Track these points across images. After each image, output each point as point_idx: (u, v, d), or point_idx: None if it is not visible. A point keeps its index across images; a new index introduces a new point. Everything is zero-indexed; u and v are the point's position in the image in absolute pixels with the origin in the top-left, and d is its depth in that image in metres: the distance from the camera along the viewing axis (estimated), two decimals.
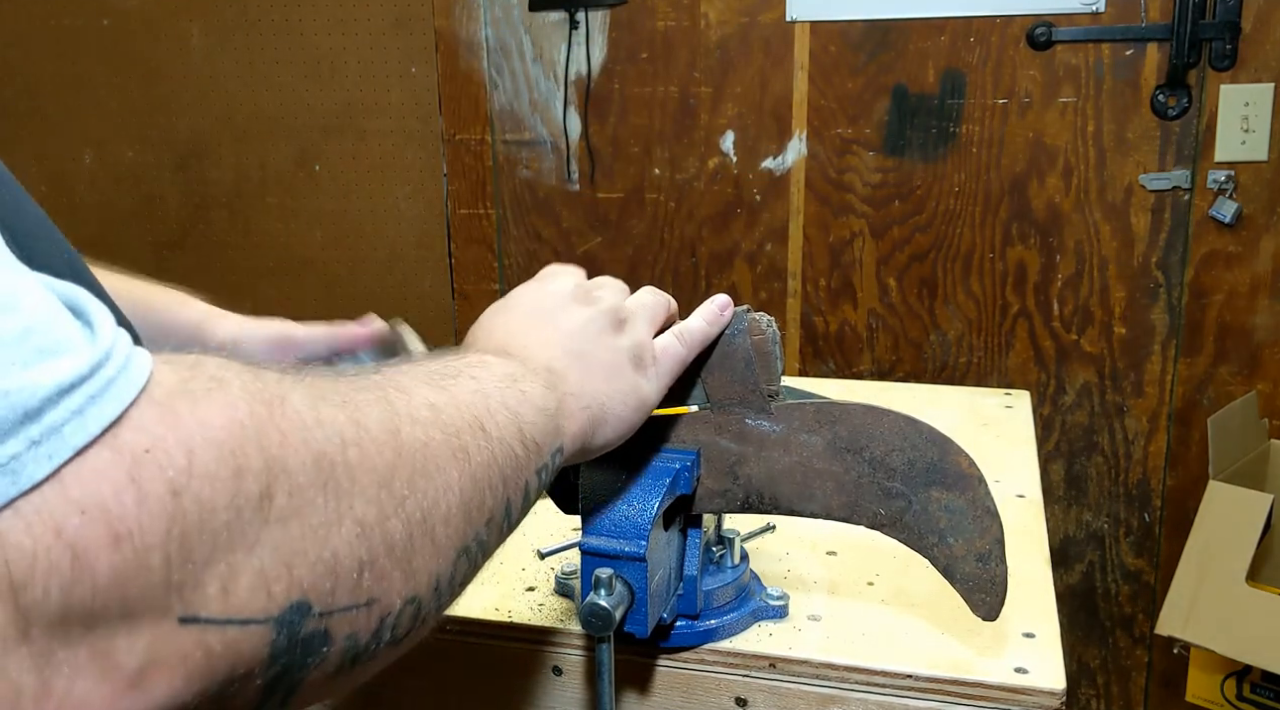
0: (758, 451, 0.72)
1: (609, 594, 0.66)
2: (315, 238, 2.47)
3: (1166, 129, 1.95)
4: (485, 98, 2.28)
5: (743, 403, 0.72)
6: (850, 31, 2.06)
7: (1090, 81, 1.96)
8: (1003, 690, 0.73)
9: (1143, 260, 2.01)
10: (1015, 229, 2.06)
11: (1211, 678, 1.77)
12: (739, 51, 2.12)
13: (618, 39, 2.17)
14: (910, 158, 2.08)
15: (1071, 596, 2.16)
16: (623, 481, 0.71)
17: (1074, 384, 2.08)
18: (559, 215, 2.29)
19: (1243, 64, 1.88)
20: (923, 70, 2.04)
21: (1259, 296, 1.96)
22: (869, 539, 0.72)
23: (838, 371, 2.20)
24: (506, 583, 0.89)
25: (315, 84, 2.39)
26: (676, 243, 2.24)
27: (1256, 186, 1.93)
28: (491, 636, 0.83)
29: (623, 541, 0.68)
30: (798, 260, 2.17)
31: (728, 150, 2.17)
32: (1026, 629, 0.79)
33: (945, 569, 0.70)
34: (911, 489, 0.69)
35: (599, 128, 2.22)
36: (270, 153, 2.45)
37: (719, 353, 0.72)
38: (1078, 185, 2.01)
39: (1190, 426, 2.03)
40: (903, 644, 0.78)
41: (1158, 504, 2.08)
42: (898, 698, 0.75)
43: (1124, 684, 2.17)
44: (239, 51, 2.41)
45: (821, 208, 2.14)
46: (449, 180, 2.34)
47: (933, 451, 0.69)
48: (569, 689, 0.82)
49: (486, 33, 2.25)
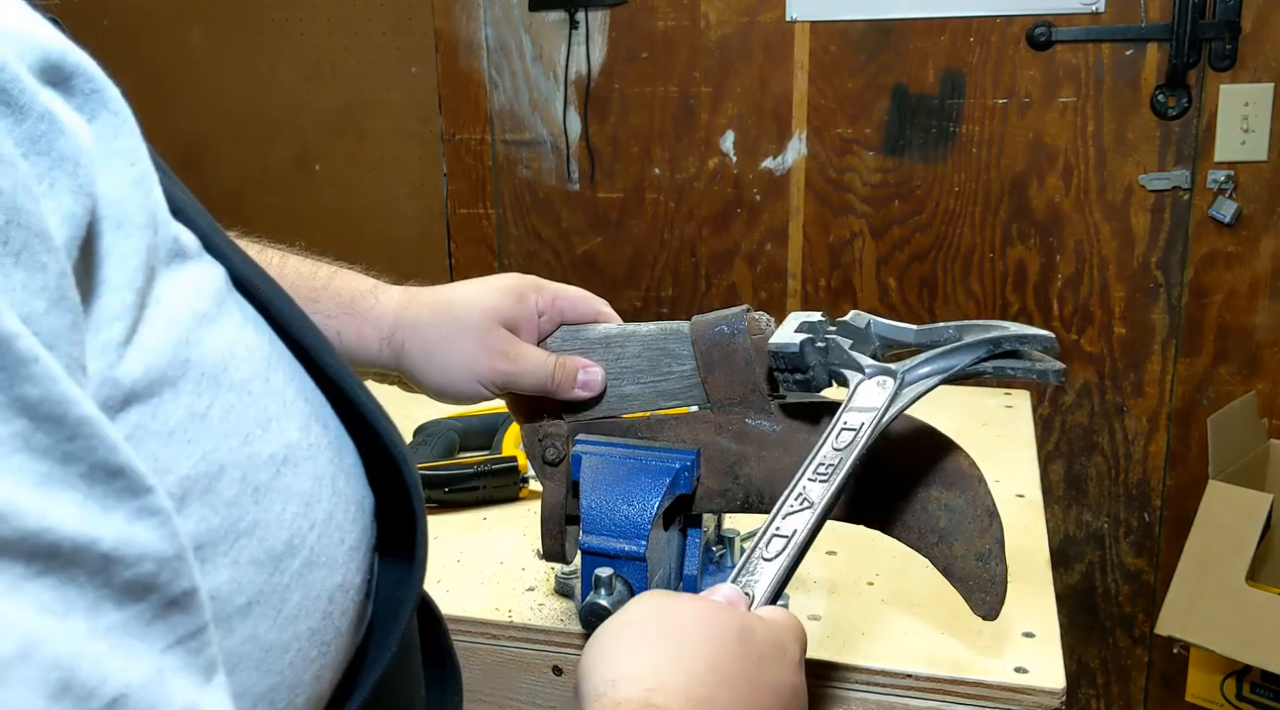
0: (758, 451, 0.72)
1: (609, 593, 0.66)
2: (315, 238, 2.46)
3: (1166, 129, 1.95)
4: (485, 98, 2.28)
5: (743, 402, 0.72)
6: (850, 31, 2.06)
7: (1090, 81, 1.96)
8: (1003, 690, 0.74)
9: (1143, 260, 2.01)
10: (1015, 229, 2.06)
11: (1211, 677, 1.77)
12: (739, 51, 2.12)
13: (618, 39, 2.17)
14: (910, 158, 2.08)
15: (1071, 596, 2.15)
16: (622, 481, 0.71)
17: (1074, 384, 2.08)
18: (559, 215, 2.29)
19: (1242, 64, 1.88)
20: (923, 70, 2.04)
21: (1259, 296, 1.96)
22: (869, 539, 0.72)
23: None
24: (506, 583, 0.89)
25: (315, 84, 2.39)
26: (676, 243, 2.24)
27: (1256, 186, 1.93)
28: (491, 636, 0.83)
29: (622, 541, 0.68)
30: (798, 260, 2.17)
31: (728, 150, 2.17)
32: (1026, 629, 0.79)
33: (945, 568, 0.70)
34: (911, 488, 0.69)
35: (599, 128, 2.22)
36: (270, 153, 2.45)
37: (720, 352, 0.72)
38: (1077, 185, 2.01)
39: (1190, 426, 2.03)
40: (903, 644, 0.78)
41: (1158, 504, 2.08)
42: (898, 698, 0.76)
43: (1124, 684, 2.17)
44: (239, 52, 2.41)
45: (821, 207, 2.14)
46: (449, 180, 2.34)
47: (933, 451, 0.69)
48: (569, 689, 0.82)
49: (486, 33, 2.25)
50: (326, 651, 0.43)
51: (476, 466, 1.05)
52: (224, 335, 0.40)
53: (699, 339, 0.72)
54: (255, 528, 0.39)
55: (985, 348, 0.63)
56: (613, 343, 0.75)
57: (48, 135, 0.31)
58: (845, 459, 0.57)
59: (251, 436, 0.39)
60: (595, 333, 0.76)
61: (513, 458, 1.07)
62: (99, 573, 0.28)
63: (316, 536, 0.42)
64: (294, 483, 0.41)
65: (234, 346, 0.40)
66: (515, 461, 1.06)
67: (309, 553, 0.41)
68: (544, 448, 0.77)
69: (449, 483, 1.05)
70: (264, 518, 0.39)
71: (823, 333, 0.67)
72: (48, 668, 0.25)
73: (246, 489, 0.39)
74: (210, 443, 0.37)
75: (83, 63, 0.35)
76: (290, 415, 0.42)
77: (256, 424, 0.40)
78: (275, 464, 0.40)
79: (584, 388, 0.74)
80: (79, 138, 0.32)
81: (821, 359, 0.67)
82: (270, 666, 0.39)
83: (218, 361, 0.38)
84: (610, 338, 0.76)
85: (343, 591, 0.44)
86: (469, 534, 1.00)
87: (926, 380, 0.64)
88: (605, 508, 0.70)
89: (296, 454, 0.42)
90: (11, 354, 0.26)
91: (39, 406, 0.27)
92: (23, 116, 0.30)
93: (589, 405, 0.76)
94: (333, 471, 0.44)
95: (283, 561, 0.40)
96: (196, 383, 0.37)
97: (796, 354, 0.66)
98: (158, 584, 0.30)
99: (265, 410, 0.40)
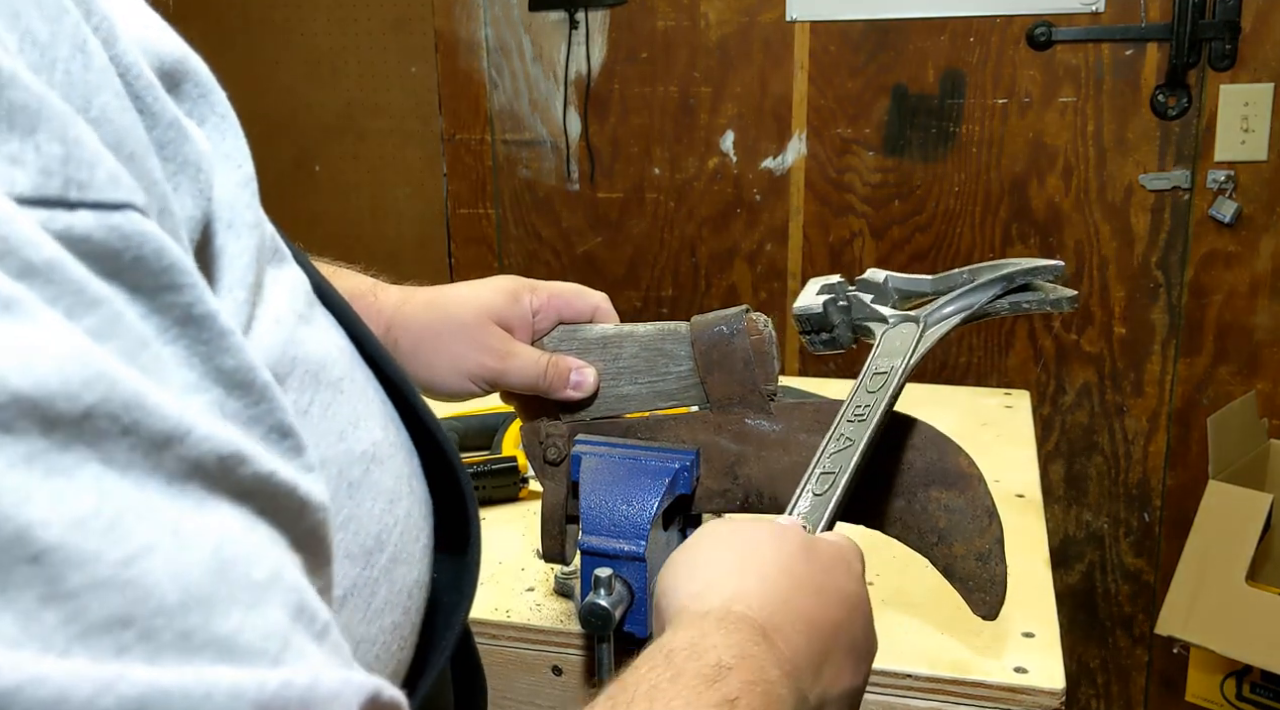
0: (757, 451, 0.72)
1: (608, 594, 0.66)
2: (315, 238, 2.47)
3: (1166, 129, 1.95)
4: (485, 98, 2.28)
5: (742, 402, 0.72)
6: (850, 31, 2.06)
7: (1090, 81, 1.96)
8: (1002, 690, 0.74)
9: (1142, 260, 2.01)
10: (1015, 229, 2.06)
11: (1211, 677, 1.77)
12: (739, 51, 2.12)
13: (618, 39, 2.17)
14: (910, 158, 2.08)
15: (1071, 596, 2.15)
16: (622, 481, 0.71)
17: (1074, 384, 2.08)
18: (559, 215, 2.29)
19: (1242, 64, 1.88)
20: (923, 70, 2.04)
21: (1259, 296, 1.96)
22: (869, 539, 0.72)
23: (838, 371, 2.19)
24: (506, 583, 0.89)
25: (315, 84, 2.39)
26: (676, 243, 2.24)
27: (1256, 186, 1.93)
28: (491, 636, 0.83)
29: (622, 541, 0.68)
30: (797, 260, 2.17)
31: (728, 150, 2.17)
32: (1026, 629, 0.79)
33: (945, 568, 0.70)
34: (911, 488, 0.69)
35: (599, 128, 2.22)
36: (270, 153, 2.45)
37: (719, 352, 0.72)
38: (1077, 185, 2.01)
39: (1190, 426, 2.03)
40: (903, 644, 0.78)
41: (1157, 504, 2.08)
42: (898, 698, 0.76)
43: (1124, 684, 2.17)
44: (239, 52, 2.41)
45: (821, 208, 2.14)
46: (449, 180, 2.34)
47: (932, 451, 0.69)
48: (569, 689, 0.82)
49: (486, 33, 2.25)
50: (405, 646, 0.45)
51: (476, 466, 1.05)
52: (318, 335, 0.41)
53: (698, 339, 0.72)
54: (350, 522, 0.40)
55: (999, 285, 0.67)
56: (610, 343, 0.75)
57: (175, 141, 0.32)
58: (880, 400, 0.62)
59: (346, 433, 0.41)
60: (593, 333, 0.76)
61: (513, 458, 1.07)
62: (297, 516, 0.30)
63: (399, 533, 0.43)
64: (381, 480, 0.43)
65: (328, 346, 0.42)
66: (515, 461, 1.06)
67: (394, 548, 0.43)
68: (544, 448, 0.77)
69: None
70: (357, 513, 0.41)
71: (843, 293, 0.72)
72: (290, 590, 0.28)
73: (343, 484, 0.40)
74: (312, 439, 0.37)
75: (195, 65, 0.36)
76: (374, 414, 0.44)
77: (349, 422, 0.41)
78: (366, 461, 0.42)
79: (575, 388, 0.74)
80: (200, 143, 0.34)
81: (845, 316, 0.72)
82: (360, 659, 0.40)
83: (318, 360, 0.40)
84: (608, 338, 0.76)
85: (419, 588, 0.46)
86: None
87: (948, 321, 0.68)
88: (605, 508, 0.70)
89: (381, 452, 0.43)
90: (214, 329, 0.29)
91: (233, 375, 0.30)
92: (155, 122, 0.31)
93: (586, 405, 0.76)
94: (409, 471, 0.46)
95: (373, 556, 0.42)
96: (301, 380, 0.39)
97: (821, 315, 0.71)
98: (322, 536, 0.32)
99: (356, 409, 0.42)
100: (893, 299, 0.72)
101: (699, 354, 0.72)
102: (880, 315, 0.69)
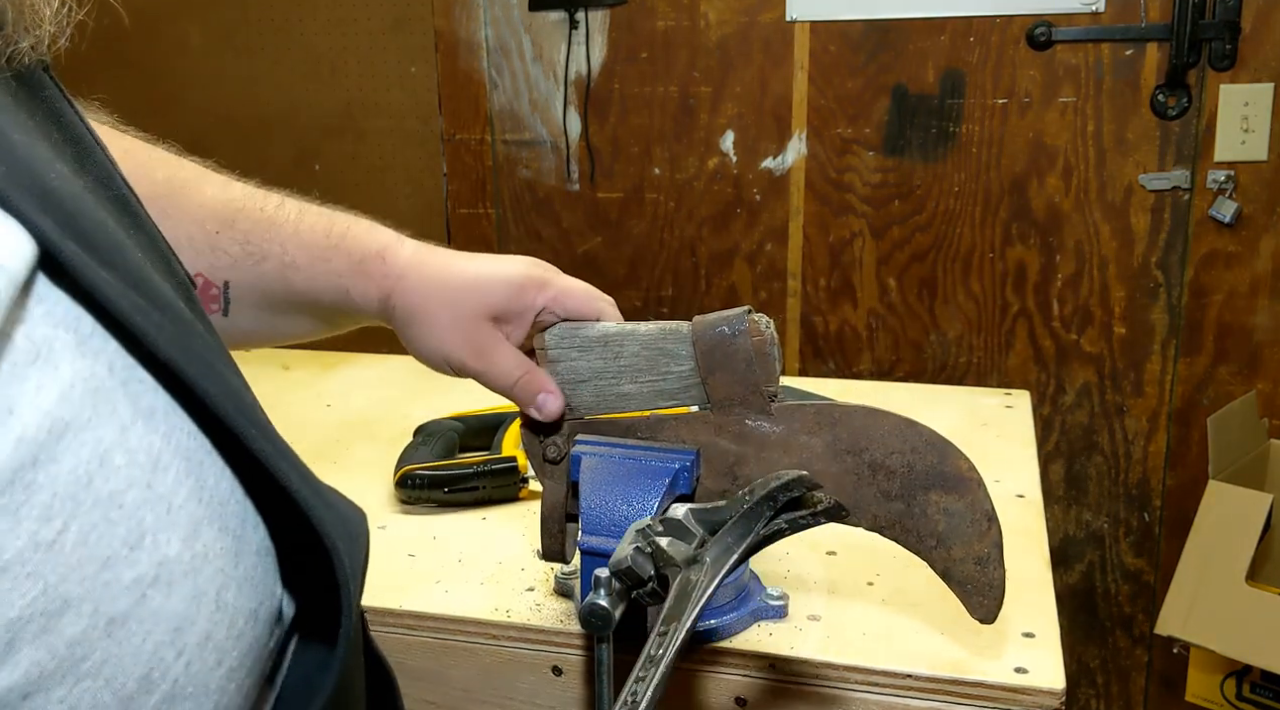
0: (757, 452, 0.72)
1: (608, 594, 0.66)
2: None
3: (1166, 129, 1.95)
4: (485, 98, 2.28)
5: (743, 403, 0.72)
6: (850, 31, 2.06)
7: (1090, 81, 1.96)
8: (1002, 690, 0.74)
9: (1142, 260, 2.01)
10: (1015, 229, 2.06)
11: (1211, 677, 1.77)
12: (739, 51, 2.12)
13: (618, 39, 2.17)
14: (910, 158, 2.08)
15: (1071, 596, 2.16)
16: (622, 481, 0.71)
17: (1074, 384, 2.08)
18: (559, 215, 2.29)
19: (1242, 64, 1.88)
20: (923, 70, 2.04)
21: (1259, 296, 1.96)
22: (869, 539, 0.72)
23: (838, 371, 2.20)
24: (506, 583, 0.89)
25: (315, 84, 2.39)
26: (676, 243, 2.24)
27: (1256, 186, 1.93)
28: (491, 637, 0.83)
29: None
30: (797, 260, 2.18)
31: (727, 150, 2.17)
32: (1026, 629, 0.79)
33: (943, 572, 0.70)
34: (910, 492, 0.69)
35: (599, 128, 2.22)
36: (270, 153, 2.45)
37: (720, 353, 0.72)
38: (1077, 185, 2.01)
39: (1190, 426, 2.03)
40: (903, 644, 0.78)
41: (1157, 504, 2.09)
42: (898, 698, 0.76)
43: (1124, 684, 2.18)
44: (239, 51, 2.41)
45: (821, 208, 2.14)
46: (449, 180, 2.35)
47: (932, 454, 0.69)
48: (569, 689, 0.82)
49: (486, 33, 2.25)
50: None
51: (476, 466, 1.05)
52: (95, 442, 0.35)
53: (700, 339, 0.72)
54: (103, 666, 0.35)
55: (767, 506, 0.60)
56: (611, 341, 0.75)
57: None
58: (669, 648, 0.55)
59: (114, 559, 0.35)
60: (594, 331, 0.76)
61: (513, 458, 1.07)
62: None
63: (184, 665, 0.38)
64: (163, 606, 0.37)
65: (109, 453, 0.36)
66: (515, 461, 1.06)
67: (171, 686, 0.38)
68: (544, 447, 0.77)
69: (449, 483, 1.05)
70: (116, 652, 0.36)
71: (649, 538, 0.61)
72: None
73: (99, 622, 0.35)
74: (57, 574, 0.33)
75: None
76: (174, 524, 0.38)
77: (124, 543, 0.36)
78: (141, 587, 0.36)
79: (539, 409, 0.75)
80: None
81: (654, 565, 0.61)
82: None
83: (78, 478, 0.34)
84: (609, 336, 0.76)
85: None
86: (469, 534, 1.00)
87: (732, 553, 0.60)
88: (605, 508, 0.70)
89: (173, 571, 0.38)
90: None
91: None
92: None
93: (585, 405, 0.76)
94: (219, 583, 0.40)
95: (134, 701, 0.36)
96: (46, 507, 0.33)
97: (630, 568, 0.60)
98: None
99: (139, 524, 0.36)
100: (698, 534, 0.62)
101: (701, 354, 0.72)
102: (673, 560, 0.60)
